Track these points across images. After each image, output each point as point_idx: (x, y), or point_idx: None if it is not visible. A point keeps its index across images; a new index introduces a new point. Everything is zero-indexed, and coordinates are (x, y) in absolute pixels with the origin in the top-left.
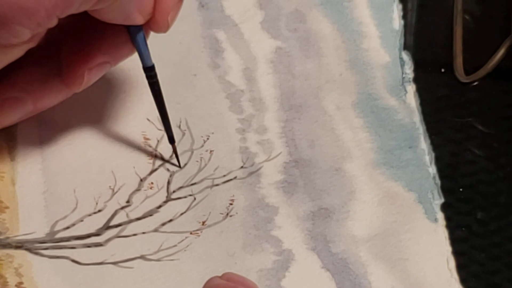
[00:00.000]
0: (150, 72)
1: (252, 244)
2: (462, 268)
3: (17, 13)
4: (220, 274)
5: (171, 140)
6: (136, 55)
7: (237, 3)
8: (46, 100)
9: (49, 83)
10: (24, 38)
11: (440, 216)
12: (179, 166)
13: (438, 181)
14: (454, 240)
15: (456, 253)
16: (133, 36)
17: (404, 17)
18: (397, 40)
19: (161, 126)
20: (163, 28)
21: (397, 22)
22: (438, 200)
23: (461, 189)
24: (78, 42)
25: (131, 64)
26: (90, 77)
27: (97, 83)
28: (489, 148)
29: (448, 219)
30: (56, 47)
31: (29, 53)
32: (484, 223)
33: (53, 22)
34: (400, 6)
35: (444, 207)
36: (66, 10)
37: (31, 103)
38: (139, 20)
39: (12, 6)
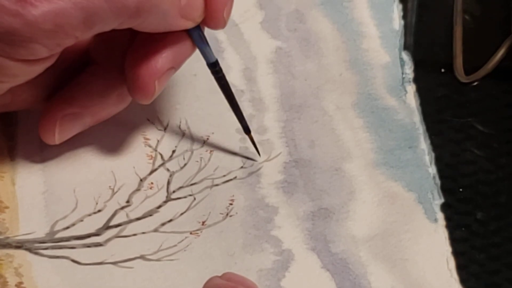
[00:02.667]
0: (214, 67)
1: (252, 244)
2: (462, 268)
3: (36, 33)
4: (220, 274)
5: (247, 130)
6: None
7: (237, 3)
8: (104, 113)
9: (108, 97)
10: (40, 56)
11: (440, 216)
12: (259, 155)
13: (438, 181)
14: (454, 240)
15: (456, 253)
16: (192, 36)
17: (404, 17)
18: (397, 40)
19: (161, 126)
20: (220, 25)
21: (397, 22)
22: (438, 200)
23: (461, 189)
24: (140, 53)
25: None
26: (159, 87)
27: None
28: (489, 148)
29: (448, 219)
30: (114, 61)
31: (87, 68)
32: (484, 223)
33: (71, 42)
34: (400, 6)
35: (444, 207)
36: (87, 33)
37: (90, 117)
38: (187, 24)
39: (32, 26)
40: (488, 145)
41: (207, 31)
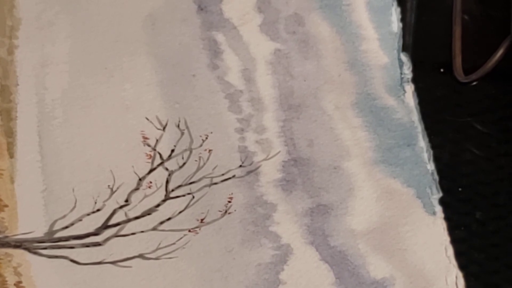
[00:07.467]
0: None
1: (251, 240)
2: (462, 268)
3: None
4: (218, 270)
5: None
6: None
7: (236, 6)
8: None
9: None
10: None
11: (439, 209)
12: None
13: (436, 177)
14: (454, 241)
15: (456, 253)
16: None
17: (403, 18)
18: (396, 42)
19: (160, 126)
20: None
21: (396, 25)
22: (437, 195)
23: (460, 189)
24: None
25: (131, 62)
26: None
27: (97, 81)
28: (488, 148)
29: (447, 219)
30: None
31: None
32: (483, 223)
33: None
34: (399, 9)
35: (442, 201)
36: None
37: None
38: None
39: None
40: (487, 145)
41: (204, 36)
